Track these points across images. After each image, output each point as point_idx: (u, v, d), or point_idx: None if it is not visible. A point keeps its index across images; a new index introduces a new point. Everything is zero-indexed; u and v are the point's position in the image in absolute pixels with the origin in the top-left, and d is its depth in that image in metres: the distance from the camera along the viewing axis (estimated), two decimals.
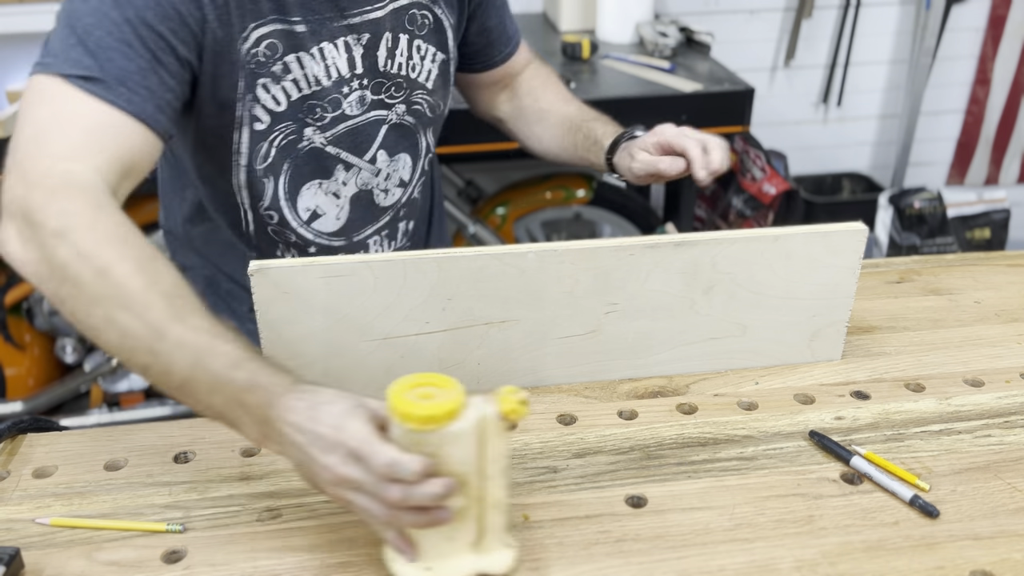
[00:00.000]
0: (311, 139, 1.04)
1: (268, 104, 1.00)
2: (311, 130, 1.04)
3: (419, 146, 1.16)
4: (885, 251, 2.88)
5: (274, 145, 1.03)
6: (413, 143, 1.15)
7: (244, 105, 0.99)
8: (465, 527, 0.70)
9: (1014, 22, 2.89)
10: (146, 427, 0.92)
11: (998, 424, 0.92)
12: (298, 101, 1.01)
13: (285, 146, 1.04)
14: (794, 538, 0.76)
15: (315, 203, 1.10)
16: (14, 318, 2.15)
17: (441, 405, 0.64)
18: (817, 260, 0.96)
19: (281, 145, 1.03)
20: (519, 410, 0.66)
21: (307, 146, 1.05)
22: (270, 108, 1.00)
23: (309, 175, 1.07)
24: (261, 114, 1.00)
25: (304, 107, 1.02)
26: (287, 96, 1.00)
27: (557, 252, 0.90)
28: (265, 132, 1.01)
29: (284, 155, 1.04)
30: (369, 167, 1.11)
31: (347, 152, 1.08)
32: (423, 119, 1.15)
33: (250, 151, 1.02)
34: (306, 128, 1.03)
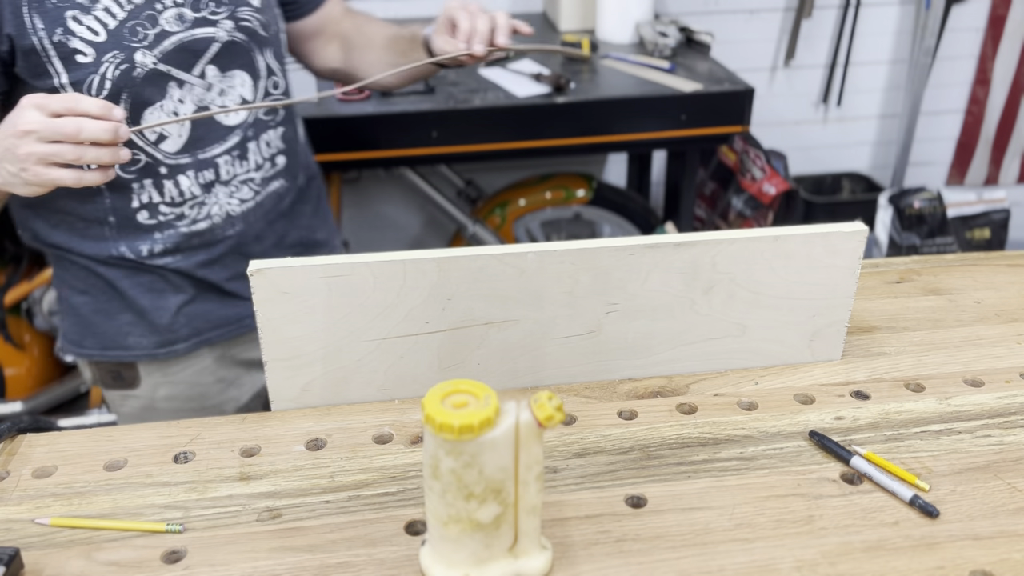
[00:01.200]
0: (143, 63, 1.07)
1: (85, 36, 1.03)
2: (140, 54, 1.07)
3: (256, 65, 1.19)
4: (885, 251, 2.89)
5: (107, 77, 1.06)
6: (249, 61, 1.18)
7: (53, 42, 1.02)
8: (502, 533, 0.69)
9: (1014, 22, 2.89)
10: (146, 427, 0.92)
11: (998, 424, 0.92)
12: (117, 28, 1.05)
13: (120, 76, 1.07)
14: (794, 538, 0.76)
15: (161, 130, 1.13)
16: (14, 318, 2.15)
17: (477, 414, 0.64)
18: (817, 260, 0.96)
19: (115, 76, 1.06)
20: (555, 416, 0.64)
21: (142, 72, 1.08)
22: (89, 39, 1.03)
23: (147, 100, 1.10)
24: (82, 46, 1.03)
25: (125, 31, 1.05)
26: (103, 25, 1.04)
27: (557, 252, 0.90)
28: (93, 64, 1.04)
29: (120, 85, 1.07)
30: (200, 82, 1.14)
31: (177, 69, 1.11)
32: (256, 37, 1.18)
33: (74, 85, 1.05)
34: (135, 53, 1.06)
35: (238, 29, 1.15)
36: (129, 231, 1.19)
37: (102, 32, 1.04)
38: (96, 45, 1.04)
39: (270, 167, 1.26)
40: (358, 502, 0.81)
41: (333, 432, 0.91)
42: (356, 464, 0.86)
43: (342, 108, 1.94)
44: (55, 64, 1.03)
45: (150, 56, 1.08)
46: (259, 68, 1.20)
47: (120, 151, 0.92)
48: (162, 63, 1.09)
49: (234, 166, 1.21)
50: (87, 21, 1.02)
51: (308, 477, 0.84)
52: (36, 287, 2.08)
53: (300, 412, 0.94)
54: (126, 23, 1.05)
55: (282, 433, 0.90)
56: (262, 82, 1.21)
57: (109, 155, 0.91)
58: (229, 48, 1.15)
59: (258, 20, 1.17)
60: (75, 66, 1.04)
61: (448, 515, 0.67)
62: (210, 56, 1.13)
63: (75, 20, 1.02)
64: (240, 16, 1.15)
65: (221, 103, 1.17)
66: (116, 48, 1.05)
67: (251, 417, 0.93)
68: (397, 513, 0.79)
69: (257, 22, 1.17)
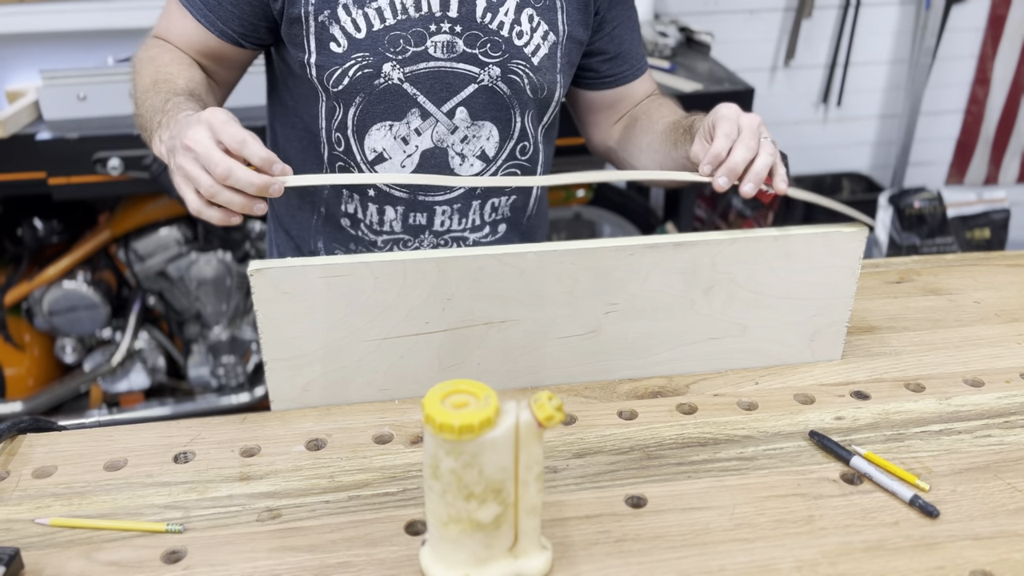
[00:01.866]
0: (389, 76, 1.02)
1: (348, 27, 1.00)
2: (390, 66, 1.02)
3: (511, 123, 1.10)
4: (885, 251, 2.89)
5: (348, 75, 1.02)
6: (504, 116, 1.09)
7: (315, 19, 1.00)
8: (502, 533, 0.69)
9: (1014, 22, 2.89)
10: (146, 427, 0.92)
11: (998, 424, 0.91)
12: (380, 32, 1.00)
13: (360, 78, 1.02)
14: (794, 538, 0.76)
15: (382, 145, 1.07)
16: (14, 318, 2.15)
17: (477, 414, 0.64)
18: (817, 260, 0.96)
19: (356, 76, 1.02)
20: (555, 416, 0.64)
21: (383, 83, 1.03)
22: (349, 32, 1.00)
23: (380, 114, 1.05)
24: (339, 35, 1.00)
25: (385, 39, 1.01)
26: (368, 24, 1.00)
27: (557, 252, 0.90)
28: (341, 57, 1.01)
29: (358, 87, 1.03)
30: (446, 120, 1.06)
31: (425, 96, 1.05)
32: (521, 95, 1.08)
33: (319, 67, 1.03)
34: (385, 64, 1.02)
35: (503, 79, 1.06)
36: (332, 228, 1.15)
37: (364, 30, 1.00)
38: (352, 40, 1.00)
39: (489, 232, 1.16)
40: (358, 502, 0.81)
41: (333, 432, 0.90)
42: (356, 464, 0.86)
43: None
44: (311, 41, 1.02)
45: (399, 71, 1.02)
46: (512, 127, 1.10)
47: (256, 204, 0.84)
48: (409, 83, 1.03)
49: (451, 219, 1.12)
50: (355, 14, 0.99)
51: (308, 477, 0.84)
52: (36, 287, 2.08)
53: (300, 412, 0.94)
54: (391, 30, 1.00)
55: (282, 433, 0.90)
56: (510, 143, 1.11)
57: (241, 203, 0.84)
58: (486, 94, 1.06)
59: (529, 79, 1.07)
60: (326, 52, 1.01)
61: (448, 515, 0.67)
62: (465, 96, 1.05)
63: (345, 9, 0.99)
64: (512, 68, 1.06)
65: (460, 150, 1.08)
66: (368, 51, 1.01)
67: (251, 417, 0.93)
68: (397, 513, 0.79)
69: (527, 81, 1.07)
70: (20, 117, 1.80)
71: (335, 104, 1.05)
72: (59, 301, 2.06)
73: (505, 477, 0.67)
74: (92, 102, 1.85)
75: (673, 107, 1.16)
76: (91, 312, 2.08)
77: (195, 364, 2.23)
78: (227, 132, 0.83)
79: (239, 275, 2.14)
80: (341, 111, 1.05)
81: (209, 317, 2.18)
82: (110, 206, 2.17)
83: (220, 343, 2.20)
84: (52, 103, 1.84)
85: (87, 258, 2.12)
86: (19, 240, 2.15)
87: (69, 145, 1.77)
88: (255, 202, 0.84)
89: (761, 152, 0.91)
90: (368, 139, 1.06)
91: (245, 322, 2.22)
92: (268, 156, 0.83)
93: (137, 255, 2.10)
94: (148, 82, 1.02)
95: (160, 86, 1.00)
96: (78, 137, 1.77)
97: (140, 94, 1.02)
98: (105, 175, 1.80)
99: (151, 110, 0.97)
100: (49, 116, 1.85)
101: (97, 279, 2.12)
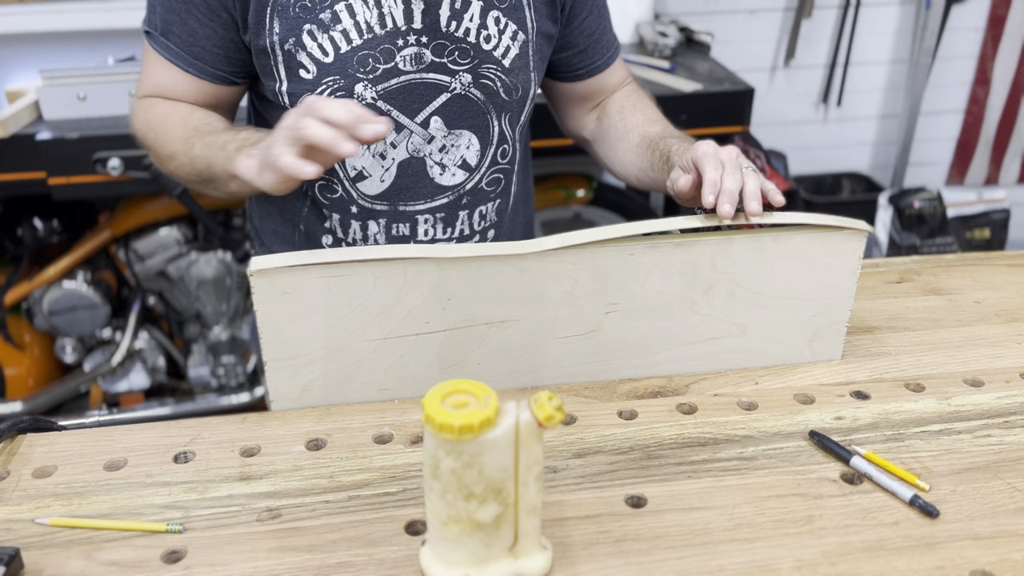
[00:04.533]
0: (361, 95, 1.02)
1: (315, 53, 1.00)
2: (361, 86, 1.02)
3: (489, 129, 1.10)
4: (885, 251, 2.89)
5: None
6: (482, 123, 1.09)
7: (281, 48, 1.00)
8: (502, 533, 0.69)
9: (1014, 22, 2.89)
10: (146, 427, 0.92)
11: (998, 424, 0.92)
12: (348, 53, 1.00)
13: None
14: (794, 538, 0.76)
15: (361, 164, 1.07)
16: (14, 318, 2.15)
17: (477, 414, 0.64)
18: (817, 260, 0.96)
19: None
20: (555, 416, 0.64)
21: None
22: (317, 58, 1.00)
23: None
24: (307, 62, 1.00)
25: (354, 60, 1.01)
26: (335, 47, 1.00)
27: (557, 252, 0.90)
28: (312, 83, 1.01)
29: None
30: (421, 131, 1.06)
31: (398, 111, 1.05)
32: (495, 99, 1.08)
33: (291, 95, 1.03)
34: (356, 84, 1.02)
35: (476, 85, 1.06)
36: (313, 246, 1.14)
37: (331, 54, 1.00)
38: (320, 65, 1.00)
39: (479, 241, 1.15)
40: (358, 502, 0.81)
41: (333, 432, 0.91)
42: (356, 464, 0.86)
43: None
44: (280, 70, 1.02)
45: (371, 90, 1.02)
46: (491, 132, 1.10)
47: (342, 143, 0.82)
48: (383, 100, 1.03)
49: (435, 228, 1.12)
50: (321, 39, 0.99)
51: (308, 477, 0.84)
52: (36, 287, 2.08)
53: (300, 412, 0.94)
54: (359, 51, 1.00)
55: (282, 433, 0.90)
56: (491, 149, 1.11)
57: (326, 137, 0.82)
58: (460, 102, 1.06)
59: (502, 82, 1.07)
60: (296, 79, 1.02)
61: (448, 515, 0.67)
62: (437, 105, 1.05)
63: (310, 35, 0.99)
64: (483, 73, 1.06)
65: (439, 159, 1.08)
66: (338, 74, 1.01)
67: (251, 417, 0.93)
68: (397, 513, 0.79)
69: (501, 84, 1.07)
70: (20, 117, 1.80)
71: None
72: (59, 301, 2.06)
73: (505, 477, 0.67)
74: (92, 102, 1.85)
75: (646, 111, 1.19)
76: (91, 312, 2.08)
77: (195, 364, 2.23)
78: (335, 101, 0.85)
79: (239, 275, 2.14)
80: None
81: (209, 317, 2.18)
82: (110, 206, 2.17)
83: (220, 343, 2.21)
84: (52, 103, 1.84)
85: (87, 258, 2.13)
86: (19, 240, 2.15)
87: (69, 145, 1.77)
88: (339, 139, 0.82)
89: (747, 179, 0.93)
90: (349, 160, 1.07)
91: (245, 322, 2.22)
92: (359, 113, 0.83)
93: (137, 255, 2.10)
94: (183, 132, 1.03)
95: (203, 130, 1.01)
96: (78, 137, 1.77)
97: (180, 144, 1.02)
98: (105, 175, 1.80)
99: (211, 147, 0.98)
100: (49, 116, 1.85)
101: (97, 279, 2.12)
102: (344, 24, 0.99)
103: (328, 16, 0.98)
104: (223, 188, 1.01)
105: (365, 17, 0.99)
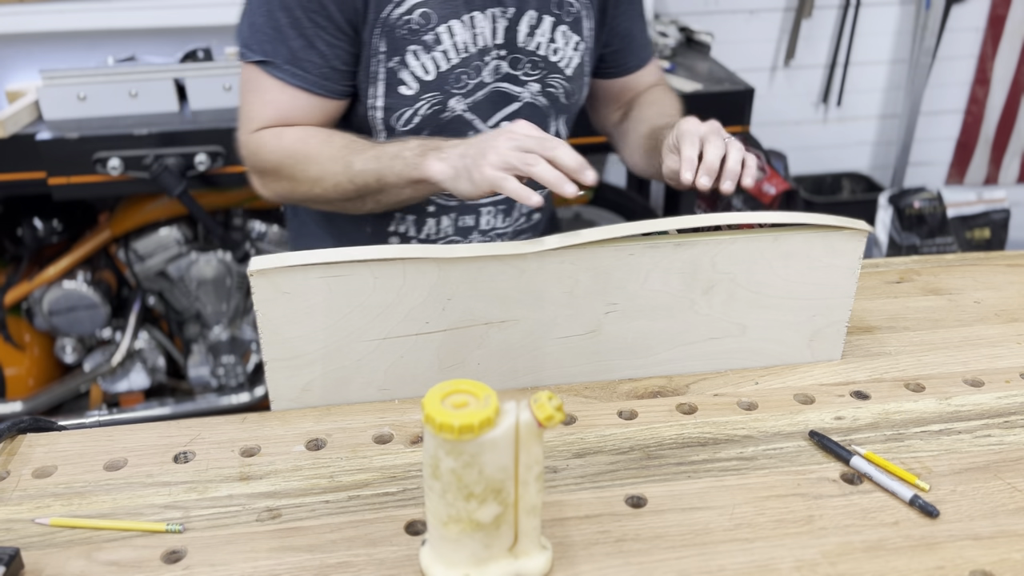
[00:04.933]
0: (453, 109, 1.10)
1: (417, 72, 1.06)
2: (455, 100, 1.09)
3: (548, 130, 1.18)
4: (885, 251, 2.89)
5: (419, 113, 1.09)
6: (542, 125, 1.16)
7: (384, 65, 1.05)
8: (502, 533, 0.69)
9: (1014, 22, 2.89)
10: (145, 427, 0.92)
11: (998, 424, 0.91)
12: (446, 72, 1.07)
13: (430, 115, 1.09)
14: (794, 538, 0.76)
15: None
16: (14, 318, 2.15)
17: (477, 414, 0.64)
18: (817, 260, 0.96)
19: (426, 114, 1.09)
20: (555, 416, 0.64)
21: (449, 116, 1.10)
22: (419, 76, 1.06)
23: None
24: (409, 79, 1.06)
25: (451, 77, 1.08)
26: (436, 67, 1.06)
27: (557, 252, 0.90)
28: (411, 99, 1.07)
29: (426, 124, 1.10)
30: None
31: (480, 119, 1.12)
32: (557, 104, 1.17)
33: (387, 110, 1.08)
34: (451, 99, 1.09)
35: (543, 94, 1.15)
36: (379, 242, 1.19)
37: (432, 72, 1.07)
38: (422, 83, 1.07)
39: (525, 222, 1.24)
40: (358, 502, 0.81)
41: (333, 432, 0.91)
42: (356, 464, 0.86)
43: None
44: (379, 86, 1.07)
45: (462, 103, 1.10)
46: (548, 132, 1.16)
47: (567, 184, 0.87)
48: (470, 111, 1.11)
49: (496, 219, 1.20)
50: (423, 59, 1.05)
51: (308, 477, 0.84)
52: (36, 287, 2.08)
53: (300, 412, 0.94)
54: (455, 69, 1.07)
55: (282, 433, 0.90)
56: None
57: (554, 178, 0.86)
58: (527, 109, 1.15)
59: (564, 88, 1.16)
60: (395, 96, 1.07)
61: (448, 515, 0.67)
62: (508, 112, 1.14)
63: (413, 55, 1.05)
64: (548, 82, 1.14)
65: None
66: (438, 90, 1.08)
67: (251, 417, 0.93)
68: (397, 513, 0.79)
69: (562, 90, 1.16)
70: (20, 117, 1.80)
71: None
72: (59, 301, 2.06)
73: (505, 477, 0.67)
74: (92, 102, 1.85)
75: (664, 105, 1.22)
76: (91, 312, 2.08)
77: (195, 364, 2.23)
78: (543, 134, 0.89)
79: (239, 275, 2.14)
80: None
81: (209, 317, 2.18)
82: (110, 206, 2.17)
83: (220, 343, 2.21)
84: (52, 103, 1.84)
85: (87, 258, 2.12)
86: (19, 240, 2.15)
87: (69, 145, 1.77)
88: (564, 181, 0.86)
89: (730, 150, 0.95)
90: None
91: (245, 322, 2.22)
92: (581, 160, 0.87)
93: (137, 255, 2.10)
94: (332, 152, 1.03)
95: (354, 147, 1.03)
96: (78, 137, 1.77)
97: (331, 164, 1.03)
98: (105, 175, 1.80)
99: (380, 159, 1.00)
100: (49, 116, 1.85)
101: (97, 279, 2.12)
102: (444, 45, 1.06)
103: (431, 38, 1.05)
104: (395, 196, 1.02)
105: (463, 37, 1.06)
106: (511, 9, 1.08)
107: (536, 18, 1.10)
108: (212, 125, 1.82)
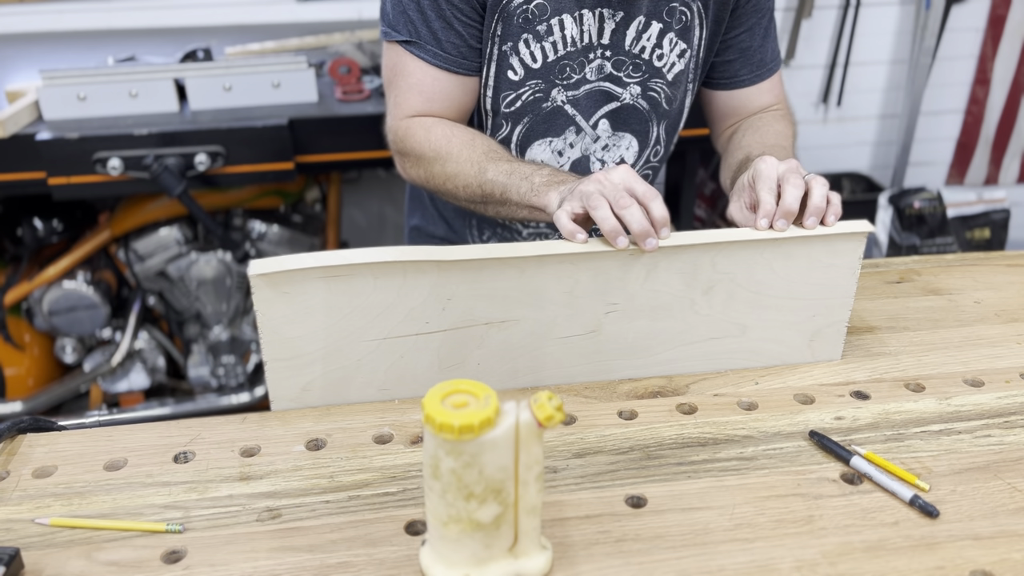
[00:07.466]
0: (555, 99, 1.15)
1: (526, 59, 1.11)
2: (557, 91, 1.14)
3: (648, 134, 1.21)
4: (885, 251, 2.88)
5: (521, 99, 1.14)
6: (643, 129, 1.20)
7: (498, 47, 1.11)
8: (502, 533, 0.69)
9: (1014, 22, 2.89)
10: (146, 427, 0.92)
11: (998, 424, 0.91)
12: (552, 62, 1.12)
13: (532, 102, 1.15)
14: (794, 538, 0.76)
15: (541, 158, 1.19)
16: (14, 318, 2.15)
17: (477, 414, 0.64)
18: (817, 260, 0.96)
19: (528, 100, 1.14)
20: (555, 416, 0.64)
21: (550, 106, 1.15)
22: (527, 63, 1.11)
23: (543, 132, 1.17)
24: (516, 65, 1.12)
25: (556, 68, 1.12)
26: (544, 56, 1.11)
27: (557, 252, 0.90)
28: (517, 84, 1.13)
29: (528, 110, 1.15)
30: (591, 132, 1.18)
31: (581, 115, 1.17)
32: (658, 108, 1.20)
33: (495, 90, 1.14)
34: (553, 89, 1.14)
35: (643, 97, 1.18)
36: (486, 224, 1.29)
37: (540, 61, 1.12)
38: (528, 70, 1.12)
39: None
40: (358, 502, 0.81)
41: (333, 432, 0.91)
42: (356, 464, 0.86)
43: (342, 108, 1.94)
44: (490, 67, 1.13)
45: (563, 95, 1.15)
46: (649, 137, 1.22)
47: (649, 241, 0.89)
48: (570, 104, 1.15)
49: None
50: (534, 47, 1.10)
51: (308, 477, 0.84)
52: (36, 287, 2.08)
53: (300, 412, 0.94)
54: (561, 60, 1.12)
55: (282, 433, 0.90)
56: (647, 151, 1.23)
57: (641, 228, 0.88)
58: (628, 110, 1.18)
59: (665, 94, 1.18)
60: (502, 79, 1.13)
61: (448, 515, 0.67)
62: (607, 111, 1.17)
63: (525, 43, 1.10)
64: (650, 86, 1.17)
65: (601, 156, 1.21)
66: (542, 79, 1.13)
67: (251, 417, 0.93)
68: (397, 513, 0.79)
69: (664, 95, 1.19)
70: (20, 117, 1.81)
71: (503, 122, 1.16)
72: (59, 301, 2.06)
73: (505, 477, 0.67)
74: (92, 102, 1.85)
75: (766, 134, 1.18)
76: (91, 312, 2.08)
77: (195, 364, 2.23)
78: (642, 184, 0.91)
79: (239, 275, 2.14)
80: (507, 128, 1.18)
81: (209, 317, 2.18)
82: (110, 206, 2.17)
83: (220, 343, 2.21)
84: (52, 103, 1.84)
85: (87, 258, 2.12)
86: (19, 240, 2.15)
87: (69, 145, 1.77)
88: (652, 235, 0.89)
89: (814, 186, 0.93)
90: (529, 152, 1.19)
91: (245, 322, 2.22)
92: (665, 216, 0.90)
93: (137, 255, 2.10)
94: (471, 156, 1.08)
95: (492, 156, 1.08)
96: (78, 137, 1.77)
97: (468, 167, 1.08)
98: (105, 175, 1.80)
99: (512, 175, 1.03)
100: (49, 116, 1.85)
101: (97, 279, 2.12)
102: (554, 36, 1.10)
103: (544, 28, 1.10)
104: (512, 212, 1.06)
105: (572, 32, 1.10)
106: (620, 13, 1.11)
107: (644, 23, 1.13)
108: (212, 125, 1.82)
